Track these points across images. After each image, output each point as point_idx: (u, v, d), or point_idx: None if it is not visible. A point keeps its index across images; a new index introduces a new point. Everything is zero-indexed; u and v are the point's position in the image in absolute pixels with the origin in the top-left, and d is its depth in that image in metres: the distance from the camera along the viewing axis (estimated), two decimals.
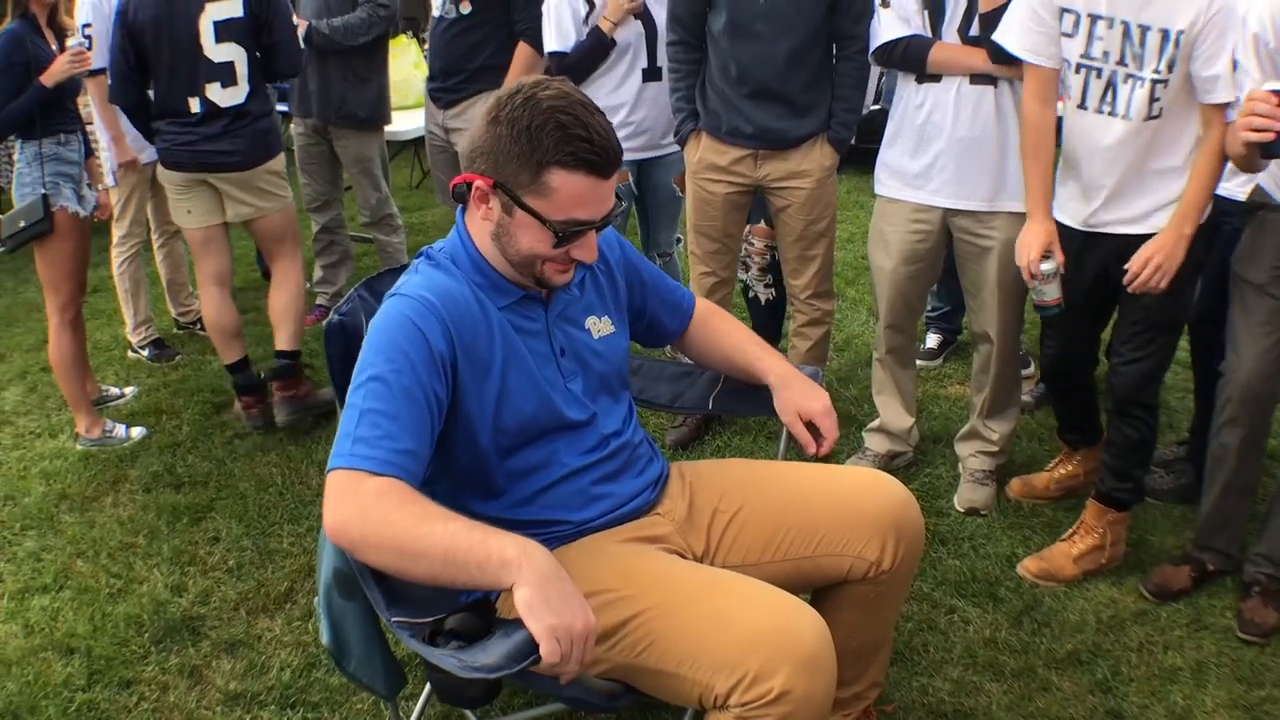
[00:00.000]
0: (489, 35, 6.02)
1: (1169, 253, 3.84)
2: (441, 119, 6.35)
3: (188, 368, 6.49)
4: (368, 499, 2.37)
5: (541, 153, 2.54)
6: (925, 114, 4.47)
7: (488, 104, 2.62)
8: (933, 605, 4.22)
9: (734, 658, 2.42)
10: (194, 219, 5.59)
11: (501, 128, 2.56)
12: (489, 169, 2.61)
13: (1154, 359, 4.18)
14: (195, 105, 5.34)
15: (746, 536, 2.97)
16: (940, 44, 4.36)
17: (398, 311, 2.63)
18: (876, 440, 5.22)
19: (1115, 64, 3.84)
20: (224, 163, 5.44)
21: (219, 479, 5.16)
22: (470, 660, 2.19)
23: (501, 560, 2.25)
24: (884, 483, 3.06)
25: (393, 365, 2.54)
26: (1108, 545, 4.37)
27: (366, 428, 2.47)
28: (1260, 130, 3.28)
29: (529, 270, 2.72)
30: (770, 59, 4.64)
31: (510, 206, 2.62)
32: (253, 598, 4.25)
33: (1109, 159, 3.95)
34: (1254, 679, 3.83)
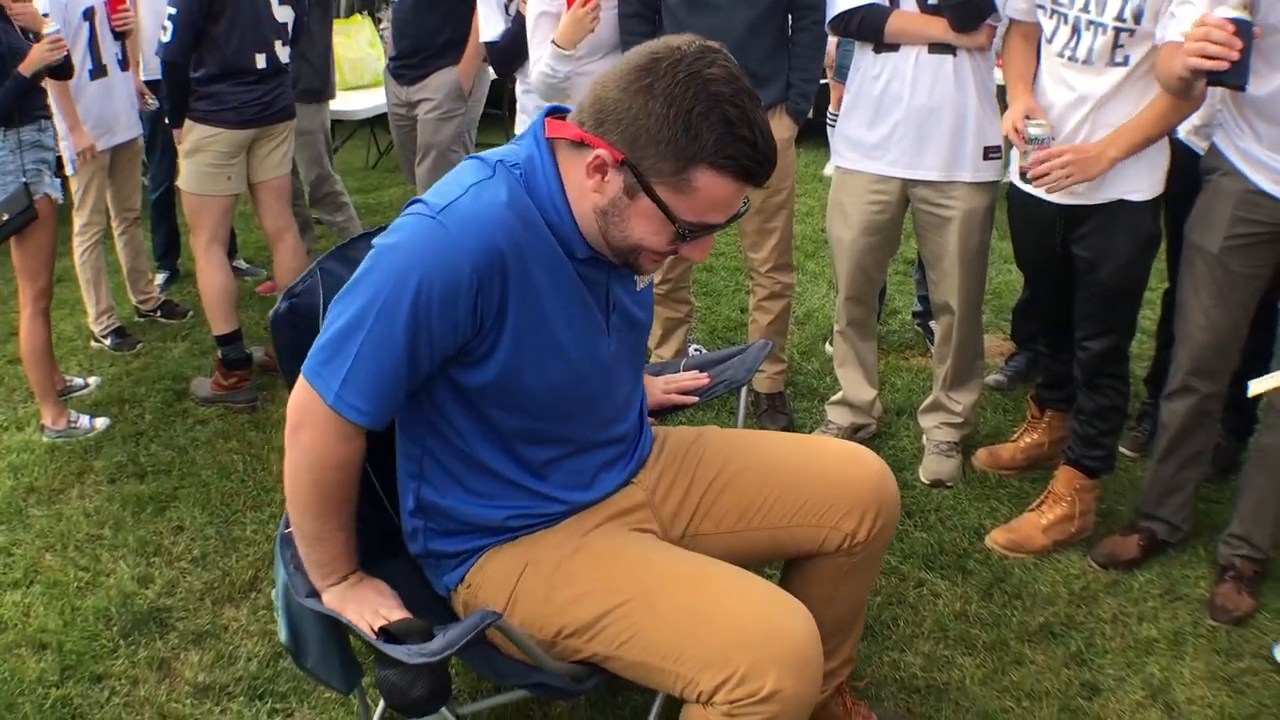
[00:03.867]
0: (450, 10, 5.94)
1: (1084, 162, 3.72)
2: (405, 95, 6.31)
3: (149, 356, 6.31)
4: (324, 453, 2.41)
5: (697, 147, 2.17)
6: (883, 84, 4.35)
7: (631, 59, 2.24)
8: (901, 578, 4.11)
9: (722, 655, 2.33)
10: (233, 184, 5.61)
11: (655, 102, 2.16)
12: (622, 143, 2.22)
13: (1115, 333, 4.11)
14: (261, 61, 5.42)
15: (723, 504, 2.85)
16: (899, 12, 4.24)
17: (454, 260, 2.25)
18: (839, 413, 5.09)
19: (1080, 10, 3.72)
20: (283, 111, 5.68)
21: (181, 467, 5.02)
22: (418, 650, 2.17)
23: (326, 575, 2.55)
24: (863, 455, 2.95)
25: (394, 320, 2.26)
26: (1077, 515, 4.26)
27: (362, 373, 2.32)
28: (1213, 59, 3.12)
29: (624, 254, 2.40)
30: (727, 30, 4.45)
31: (635, 191, 2.26)
32: (218, 587, 4.13)
33: (1070, 104, 3.84)
34: (1232, 650, 3.74)
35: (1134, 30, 3.63)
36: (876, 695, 3.50)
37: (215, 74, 5.32)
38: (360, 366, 2.29)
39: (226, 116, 5.40)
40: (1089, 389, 4.19)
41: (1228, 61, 3.10)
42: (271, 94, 5.52)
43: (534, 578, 2.55)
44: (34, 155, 4.99)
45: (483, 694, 3.44)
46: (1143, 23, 3.60)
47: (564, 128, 2.35)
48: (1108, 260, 3.94)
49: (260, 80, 5.45)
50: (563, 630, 2.50)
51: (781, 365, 5.35)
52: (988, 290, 4.95)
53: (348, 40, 9.33)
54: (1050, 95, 3.90)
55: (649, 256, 2.39)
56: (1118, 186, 3.82)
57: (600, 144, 2.24)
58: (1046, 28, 3.86)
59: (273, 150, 5.69)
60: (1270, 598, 3.96)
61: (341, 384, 2.30)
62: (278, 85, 5.57)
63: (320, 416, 2.34)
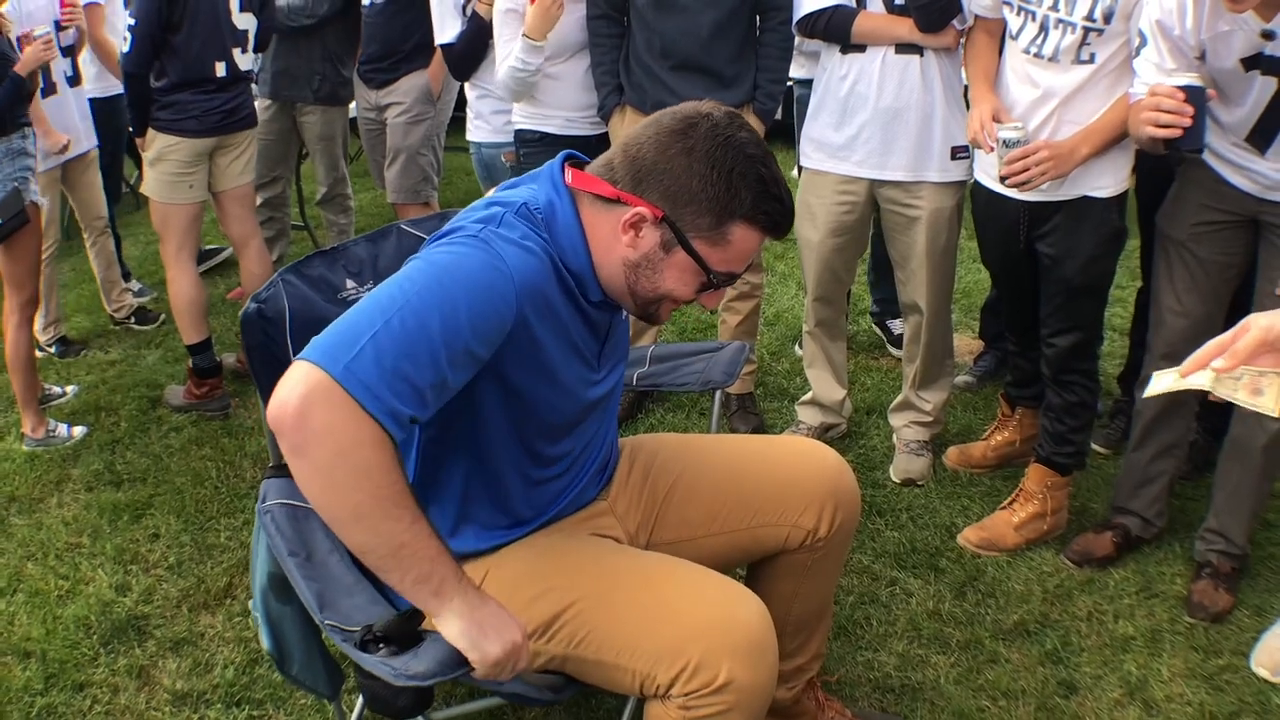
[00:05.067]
0: (420, 15, 5.80)
1: (1059, 159, 3.70)
2: (374, 99, 6.25)
3: (123, 364, 6.25)
4: (347, 432, 2.01)
5: (736, 204, 2.31)
6: (849, 85, 4.31)
7: (664, 123, 2.35)
8: (873, 578, 4.07)
9: (675, 647, 2.33)
10: (195, 193, 5.54)
11: (697, 163, 2.28)
12: (662, 201, 2.31)
13: (1082, 330, 4.09)
14: (221, 69, 5.37)
15: (685, 510, 2.87)
16: (865, 13, 4.21)
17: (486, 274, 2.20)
18: (809, 413, 5.05)
19: (1048, 8, 3.70)
20: (245, 120, 5.61)
21: (156, 475, 4.97)
22: (402, 668, 2.05)
23: (438, 588, 2.10)
24: (818, 450, 2.98)
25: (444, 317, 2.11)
26: (1049, 512, 4.23)
27: (389, 360, 2.05)
28: (1166, 126, 3.17)
29: (647, 304, 2.47)
30: (695, 31, 4.46)
31: (671, 245, 2.35)
32: (194, 594, 4.09)
33: (1035, 100, 3.82)
34: (1210, 647, 3.71)
35: (1103, 30, 3.62)
36: (850, 695, 3.46)
37: (176, 83, 5.28)
38: (376, 350, 2.04)
39: (188, 125, 5.36)
40: (1057, 385, 4.17)
41: (1180, 129, 3.13)
42: (233, 102, 5.49)
43: (496, 581, 2.52)
44: (21, 162, 4.95)
45: (457, 699, 3.40)
46: (1112, 23, 3.59)
47: (594, 183, 2.39)
48: (1072, 256, 3.93)
49: (221, 89, 5.40)
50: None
51: (752, 366, 5.32)
52: (956, 289, 4.92)
53: None
54: (1014, 92, 3.87)
55: (669, 306, 2.47)
56: (1082, 182, 3.81)
57: (639, 202, 2.32)
58: (1013, 24, 3.84)
59: (235, 159, 5.63)
60: (1248, 594, 3.94)
61: (354, 360, 2.02)
62: (239, 93, 5.54)
63: (324, 390, 2.00)
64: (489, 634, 2.09)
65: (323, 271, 2.85)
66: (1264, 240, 3.65)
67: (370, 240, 2.99)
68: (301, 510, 2.58)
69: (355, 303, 2.86)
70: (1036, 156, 3.68)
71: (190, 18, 5.16)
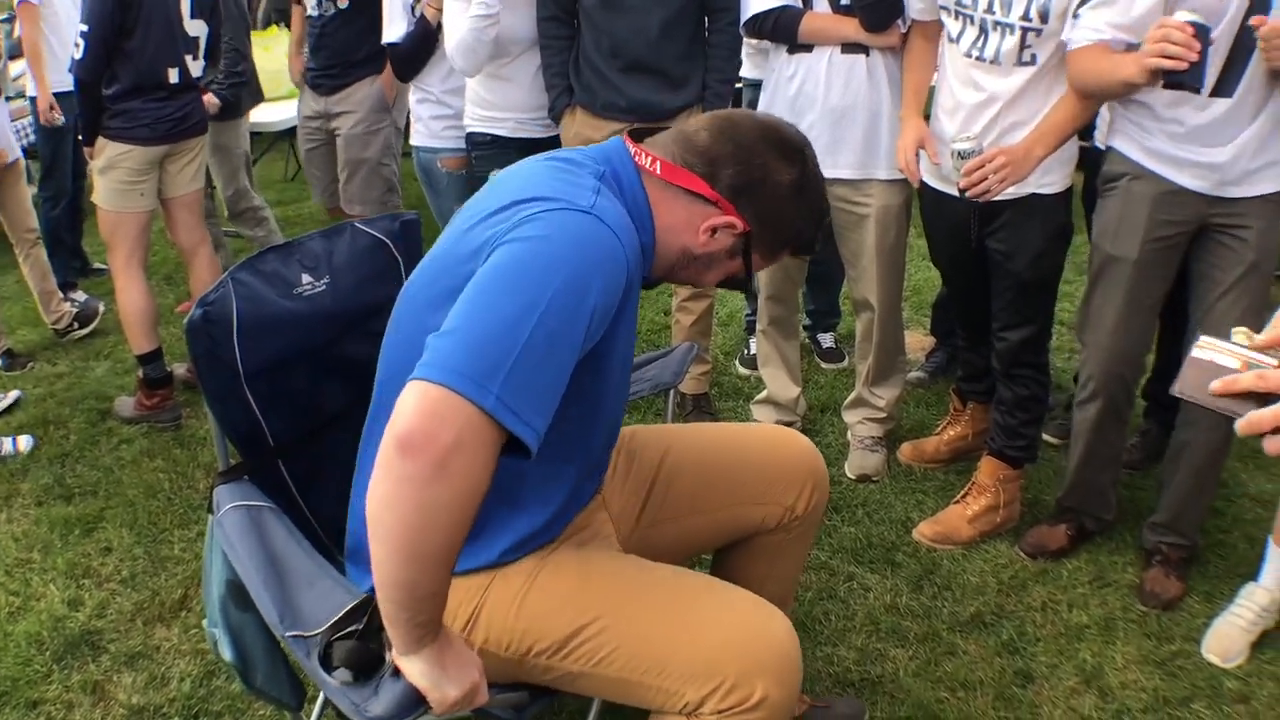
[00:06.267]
0: (370, 23, 5.70)
1: (1016, 163, 3.66)
2: (323, 105, 6.10)
3: (71, 376, 6.19)
4: (486, 474, 1.88)
5: (800, 240, 2.48)
6: (797, 85, 4.31)
7: (769, 134, 2.39)
8: (831, 573, 4.06)
9: (708, 665, 2.28)
10: (146, 200, 5.50)
11: (801, 203, 2.40)
12: (754, 220, 2.37)
13: (1033, 324, 4.09)
14: (174, 76, 5.33)
15: (669, 495, 2.86)
16: (811, 13, 4.20)
17: (610, 260, 2.09)
18: (764, 412, 5.06)
19: (984, 11, 3.69)
20: (196, 125, 5.59)
21: (108, 487, 4.91)
22: (362, 706, 2.01)
23: (424, 634, 2.00)
24: (790, 433, 3.04)
25: (573, 322, 1.99)
26: (1002, 505, 4.23)
27: (539, 378, 1.93)
28: (1173, 59, 3.10)
29: (672, 276, 2.49)
30: (643, 32, 4.44)
31: (736, 253, 2.42)
32: (148, 607, 4.03)
33: (979, 104, 3.81)
34: (1163, 634, 3.72)
35: (1040, 30, 3.60)
36: (810, 690, 3.43)
37: (128, 89, 5.22)
38: (524, 372, 1.90)
39: (139, 133, 5.30)
40: (1008, 380, 4.17)
41: (1186, 63, 3.09)
42: (184, 109, 5.44)
43: (501, 594, 2.42)
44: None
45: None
46: (1049, 22, 3.57)
47: (690, 179, 2.35)
48: (1022, 252, 3.92)
49: (172, 95, 5.35)
50: (533, 648, 2.39)
51: (706, 366, 5.28)
52: (907, 286, 4.94)
53: (265, 52, 9.19)
54: (958, 95, 3.86)
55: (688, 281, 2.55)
56: (1032, 180, 3.78)
57: (734, 214, 2.34)
58: (952, 28, 3.83)
59: (185, 165, 5.59)
60: (1199, 582, 3.95)
61: (503, 386, 1.87)
62: (190, 100, 5.50)
63: (475, 429, 1.85)
64: (450, 674, 2.03)
65: (277, 266, 2.78)
66: (1210, 243, 3.62)
67: (325, 236, 2.92)
68: (254, 510, 2.53)
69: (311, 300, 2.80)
70: (994, 164, 3.63)
71: (144, 23, 5.12)
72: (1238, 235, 3.55)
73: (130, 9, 5.07)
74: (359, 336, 2.90)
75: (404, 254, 3.00)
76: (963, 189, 3.71)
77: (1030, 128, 3.70)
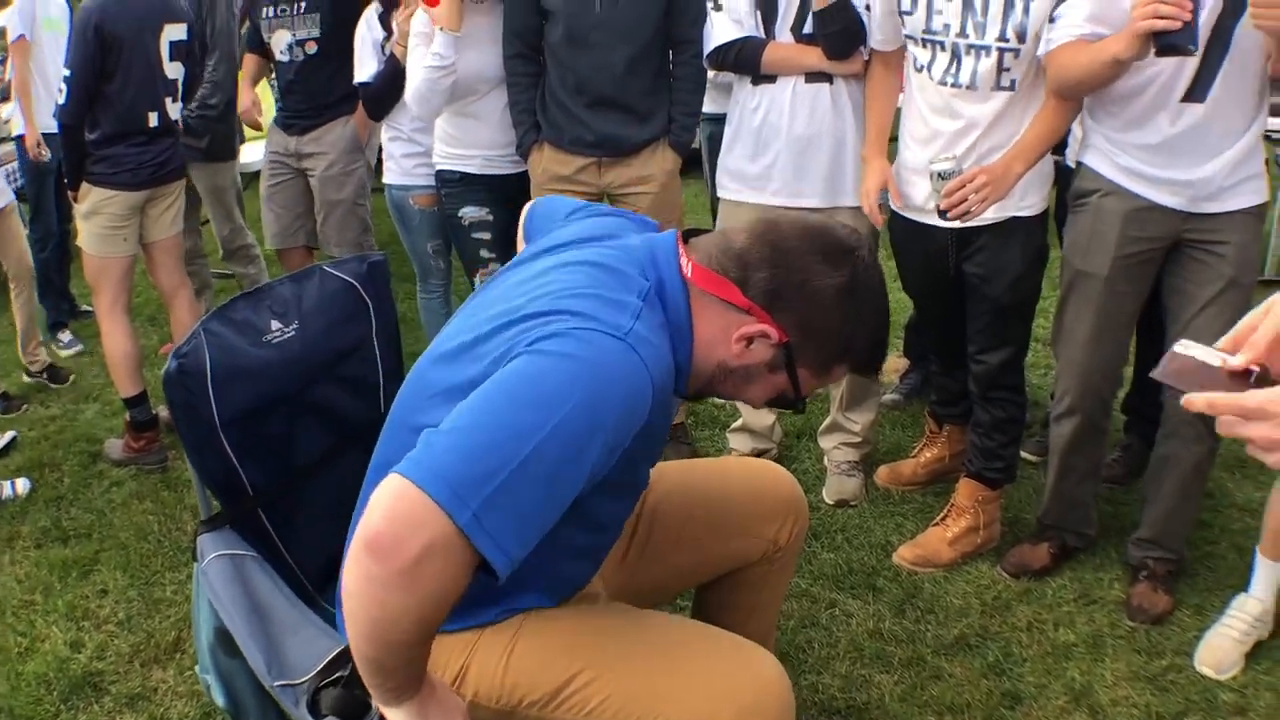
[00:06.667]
0: (339, 66, 5.64)
1: (996, 181, 3.64)
2: (294, 145, 5.97)
3: (63, 419, 6.20)
4: (457, 585, 1.79)
5: (855, 352, 2.27)
6: (762, 116, 4.30)
7: (816, 239, 2.21)
8: (812, 601, 4.03)
9: (703, 711, 2.23)
10: (129, 245, 5.49)
11: (842, 308, 2.18)
12: (792, 328, 2.18)
13: (1010, 346, 4.08)
14: (153, 119, 5.33)
15: (654, 534, 2.81)
16: (774, 44, 4.20)
17: (633, 395, 1.97)
18: (740, 440, 5.04)
19: (956, 36, 3.66)
20: (176, 170, 5.58)
21: (101, 530, 4.92)
22: None
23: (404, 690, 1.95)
24: (771, 466, 3.00)
25: (577, 454, 1.86)
26: (982, 526, 4.21)
27: (525, 506, 1.81)
28: (1166, 19, 3.05)
29: (712, 389, 2.35)
30: (608, 67, 4.43)
31: (778, 366, 2.24)
32: (144, 649, 4.03)
33: (958, 131, 3.77)
34: (1153, 649, 3.71)
35: (1019, 50, 3.59)
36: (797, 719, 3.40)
37: (110, 134, 5.21)
38: (511, 494, 1.78)
39: (122, 178, 5.29)
40: (986, 402, 4.15)
41: (1180, 22, 3.05)
42: (165, 153, 5.44)
43: (488, 649, 2.36)
44: None
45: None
46: (1026, 42, 3.56)
47: (723, 286, 2.20)
48: (1001, 276, 3.90)
49: (152, 139, 5.35)
50: (524, 700, 2.34)
51: None
52: None
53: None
54: (933, 123, 3.83)
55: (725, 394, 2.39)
56: (1011, 203, 3.77)
57: (768, 321, 2.18)
58: (921, 56, 3.81)
59: (165, 210, 5.57)
60: (1187, 594, 3.94)
61: (484, 505, 1.76)
62: (170, 144, 5.49)
63: (446, 542, 1.74)
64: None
65: (247, 314, 2.76)
66: (1184, 258, 3.61)
67: (294, 280, 2.90)
68: (237, 559, 2.52)
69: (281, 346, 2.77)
70: (975, 184, 3.62)
71: (124, 67, 5.13)
72: (1214, 251, 3.54)
73: (111, 52, 5.08)
74: (330, 381, 2.89)
75: (373, 296, 2.98)
76: (943, 210, 3.68)
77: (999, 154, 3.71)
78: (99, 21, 5.05)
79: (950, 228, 3.84)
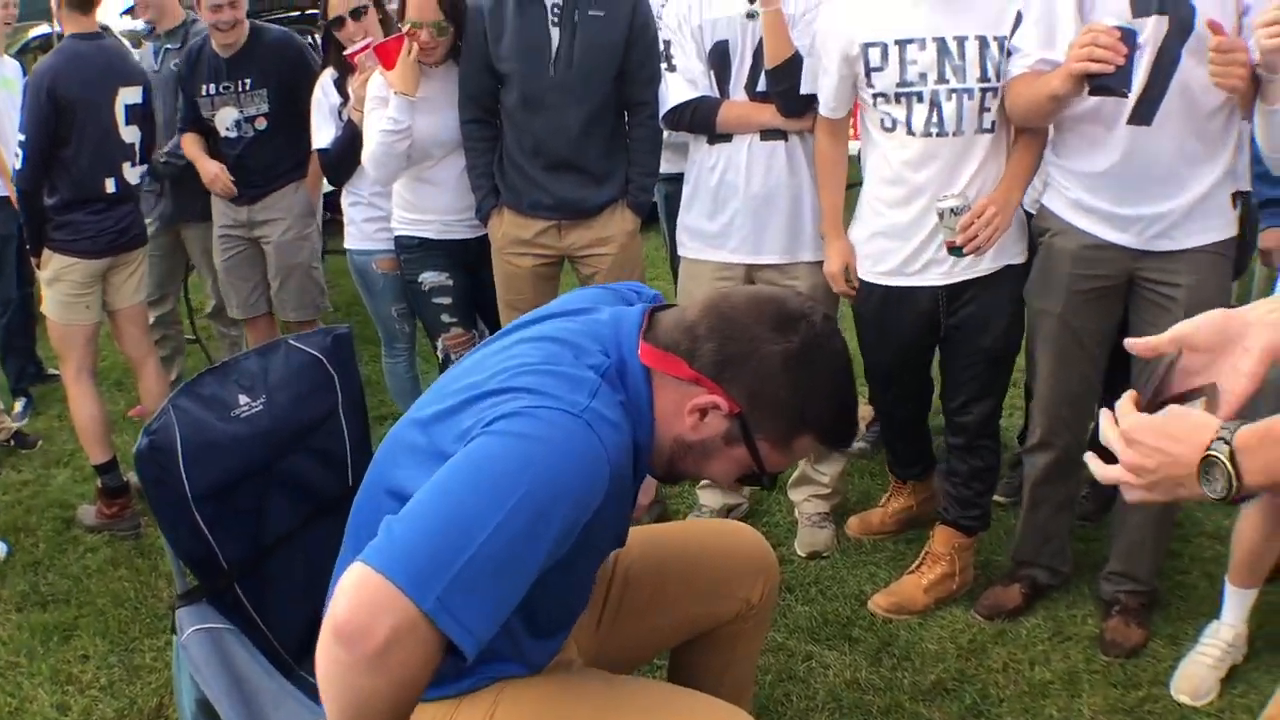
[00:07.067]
0: (289, 137, 5.68)
1: (1003, 210, 3.69)
2: (246, 215, 5.93)
3: (36, 484, 6.14)
4: (426, 669, 1.83)
5: (814, 420, 2.19)
6: (719, 174, 4.34)
7: (761, 305, 2.19)
8: (789, 654, 4.02)
9: None
10: (92, 314, 5.42)
11: (791, 373, 2.12)
12: (743, 398, 2.14)
13: (994, 395, 4.13)
14: (110, 185, 5.26)
15: (626, 600, 2.80)
16: (729, 103, 4.26)
17: (589, 475, 1.97)
18: (710, 495, 5.01)
19: (935, 83, 3.70)
20: (137, 238, 5.51)
21: (78, 596, 4.89)
22: None
23: None
24: (740, 526, 3.02)
25: (536, 534, 1.88)
26: (957, 572, 4.22)
27: (487, 587, 1.83)
28: (1100, 62, 3.15)
29: (675, 477, 2.36)
30: (564, 130, 4.46)
31: (735, 439, 2.20)
32: (128, 715, 4.01)
33: (948, 176, 3.79)
34: (1129, 681, 3.72)
35: (999, 89, 3.66)
36: None
37: (69, 200, 5.18)
38: (474, 577, 1.81)
39: (81, 245, 5.25)
40: (968, 453, 4.16)
41: (1113, 66, 3.13)
42: (125, 220, 5.38)
43: (469, 716, 2.34)
44: None
45: None
46: (1004, 79, 3.64)
47: (672, 363, 2.18)
48: (992, 326, 3.94)
49: (111, 206, 5.29)
50: None
51: None
52: None
53: None
54: (915, 178, 3.83)
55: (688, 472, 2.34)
56: (1004, 253, 3.84)
57: (718, 392, 2.14)
58: (895, 113, 3.80)
59: (128, 277, 5.51)
60: (1161, 625, 3.96)
61: (447, 588, 1.78)
62: (130, 211, 5.43)
63: (412, 627, 1.77)
64: None
65: (215, 390, 2.77)
66: (1140, 299, 3.67)
67: (260, 354, 2.92)
68: (216, 632, 2.52)
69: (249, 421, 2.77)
70: (986, 216, 3.66)
71: (78, 130, 5.09)
72: (1166, 294, 3.59)
73: (65, 116, 5.05)
74: (300, 453, 2.89)
75: (338, 369, 2.99)
76: (959, 245, 3.70)
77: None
78: (51, 85, 5.02)
79: (937, 287, 3.88)
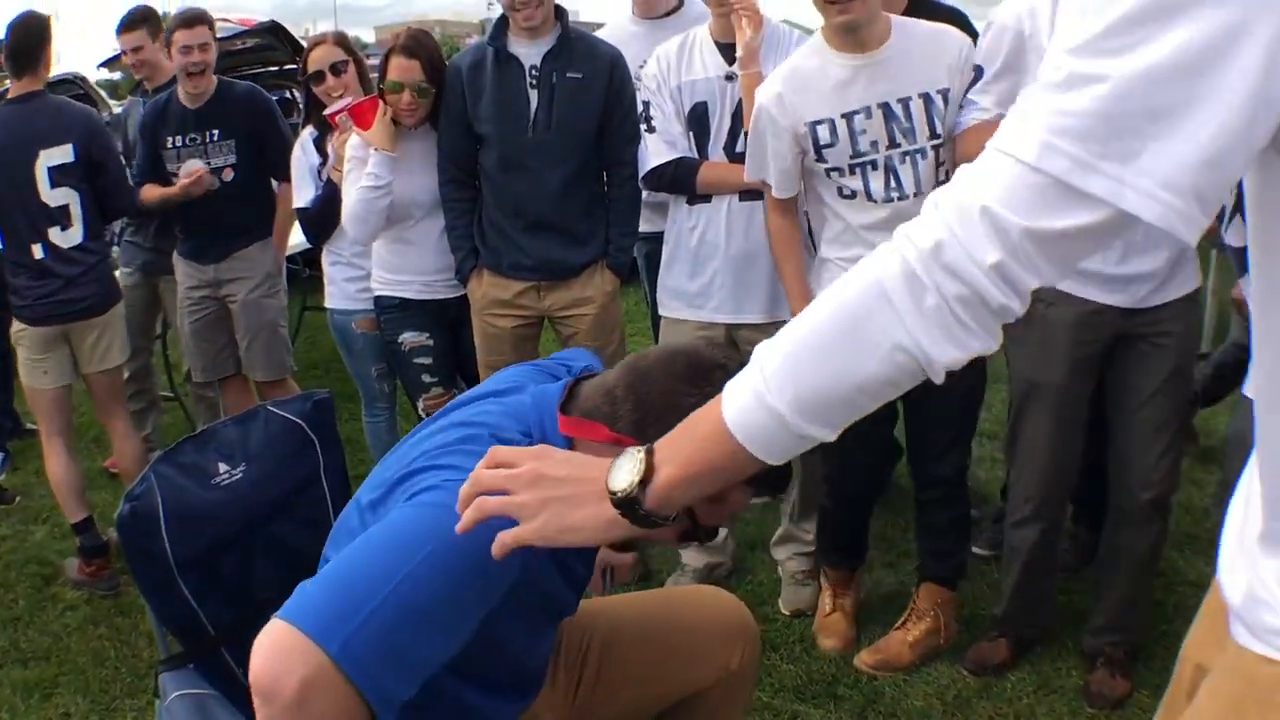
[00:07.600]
0: (255, 189, 5.73)
1: None
2: (212, 274, 5.89)
3: (14, 540, 6.08)
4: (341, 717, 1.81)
5: None
6: (699, 235, 4.37)
7: (674, 367, 2.15)
8: (774, 714, 3.99)
9: None
10: (51, 379, 5.29)
11: None
12: None
13: (967, 439, 4.19)
14: (38, 251, 5.08)
15: (604, 670, 2.78)
16: (708, 164, 4.30)
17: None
18: (693, 555, 4.97)
19: (886, 149, 3.72)
20: (86, 308, 5.24)
21: (58, 654, 4.84)
22: None
23: None
24: (718, 592, 3.03)
25: (449, 586, 1.89)
26: (942, 627, 4.21)
27: (389, 639, 1.83)
28: None
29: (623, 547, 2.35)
30: (542, 191, 4.48)
31: None
32: None
33: None
34: None
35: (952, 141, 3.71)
36: None
37: (12, 262, 5.16)
38: (380, 627, 1.81)
39: (24, 314, 5.19)
40: (948, 504, 4.17)
41: None
42: (69, 291, 5.17)
43: None
44: None
45: None
46: (957, 130, 3.70)
47: (591, 429, 2.15)
48: (964, 373, 3.88)
49: (44, 274, 5.12)
50: None
51: None
52: None
53: None
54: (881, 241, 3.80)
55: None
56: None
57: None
58: (851, 185, 3.80)
59: (95, 342, 5.31)
60: (1146, 675, 3.94)
61: (353, 635, 1.79)
62: (75, 277, 5.18)
63: (323, 674, 1.76)
64: None
65: (194, 458, 2.77)
66: (1131, 352, 3.69)
67: (239, 422, 2.92)
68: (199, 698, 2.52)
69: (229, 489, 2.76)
70: None
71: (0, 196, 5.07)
72: (1158, 343, 3.63)
73: None
74: (283, 518, 2.87)
75: (318, 434, 2.98)
76: None
77: None
78: None
79: None
